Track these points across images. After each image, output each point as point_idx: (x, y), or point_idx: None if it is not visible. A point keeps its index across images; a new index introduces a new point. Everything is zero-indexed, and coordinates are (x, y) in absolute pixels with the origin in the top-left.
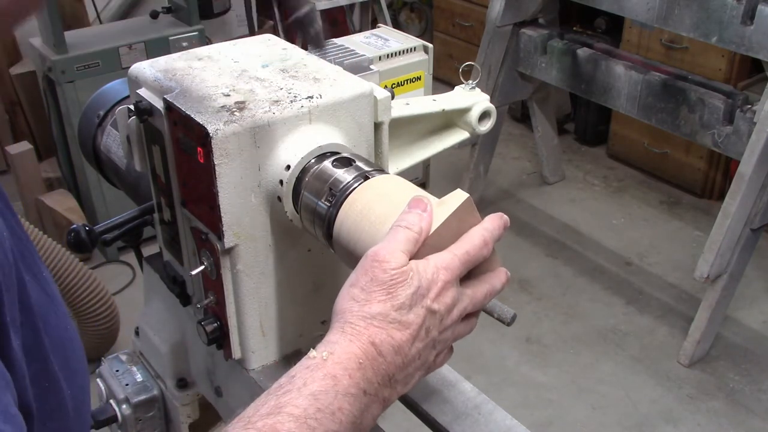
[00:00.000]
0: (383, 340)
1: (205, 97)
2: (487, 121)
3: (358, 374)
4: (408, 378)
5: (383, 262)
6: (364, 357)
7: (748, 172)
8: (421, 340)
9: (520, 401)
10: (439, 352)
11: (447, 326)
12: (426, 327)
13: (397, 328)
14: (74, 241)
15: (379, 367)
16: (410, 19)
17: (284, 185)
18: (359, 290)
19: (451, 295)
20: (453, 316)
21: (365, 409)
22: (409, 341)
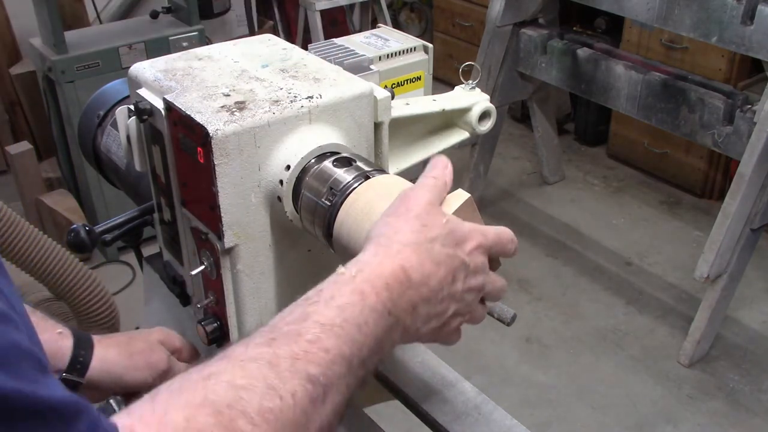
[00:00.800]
0: (413, 266)
1: (205, 97)
2: (487, 121)
3: (385, 294)
4: (427, 318)
5: (417, 197)
6: (393, 279)
7: (748, 172)
8: (448, 283)
9: (520, 401)
10: (456, 313)
11: (471, 287)
12: (454, 273)
13: (430, 259)
14: (74, 241)
15: (405, 292)
16: (410, 19)
17: (284, 185)
18: (395, 218)
19: (482, 259)
20: (478, 281)
21: (389, 329)
22: (435, 275)
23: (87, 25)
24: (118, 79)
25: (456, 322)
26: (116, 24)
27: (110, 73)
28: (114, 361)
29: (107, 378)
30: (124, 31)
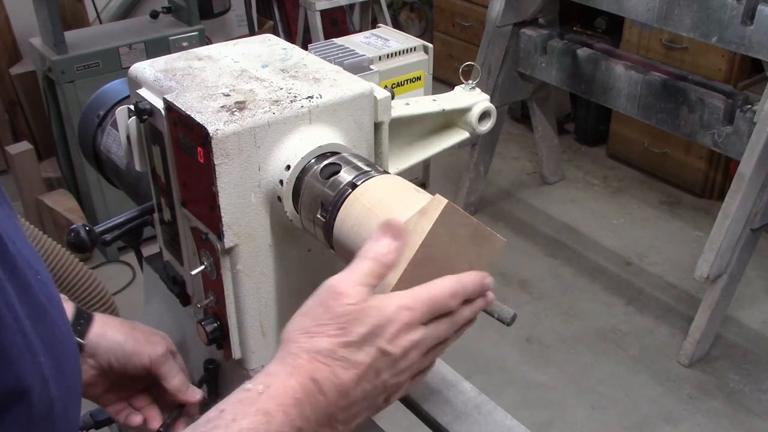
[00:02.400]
0: (326, 377)
1: (205, 97)
2: (487, 121)
3: (294, 411)
4: (351, 418)
5: (341, 295)
6: (303, 393)
7: (748, 172)
8: (369, 381)
9: (520, 401)
10: (391, 393)
11: (402, 369)
12: (376, 369)
13: (344, 366)
14: (74, 241)
15: (318, 405)
16: (410, 19)
17: (284, 185)
18: (310, 321)
19: (410, 338)
20: (411, 358)
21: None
22: (354, 381)
23: (87, 25)
24: (118, 79)
25: (393, 397)
26: (116, 24)
27: (110, 73)
28: (115, 327)
29: (105, 343)
30: (124, 31)
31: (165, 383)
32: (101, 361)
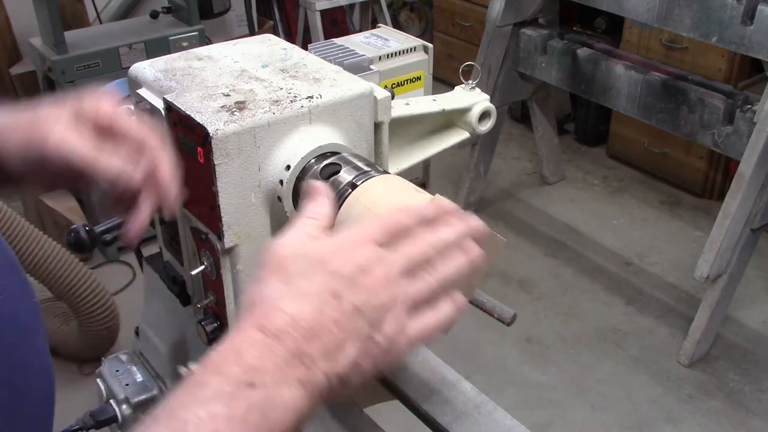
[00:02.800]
0: (271, 320)
1: (205, 97)
2: (487, 121)
3: (235, 368)
4: (332, 352)
5: (277, 247)
6: (247, 344)
7: (748, 172)
8: (330, 306)
9: (520, 401)
10: (378, 319)
11: (370, 288)
12: (332, 291)
13: (290, 299)
14: (74, 241)
15: (274, 350)
16: (410, 19)
17: (284, 185)
18: (254, 287)
19: (363, 253)
20: (377, 275)
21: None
22: (306, 311)
23: (87, 25)
24: (118, 79)
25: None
26: (116, 24)
27: (110, 73)
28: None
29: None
30: (124, 31)
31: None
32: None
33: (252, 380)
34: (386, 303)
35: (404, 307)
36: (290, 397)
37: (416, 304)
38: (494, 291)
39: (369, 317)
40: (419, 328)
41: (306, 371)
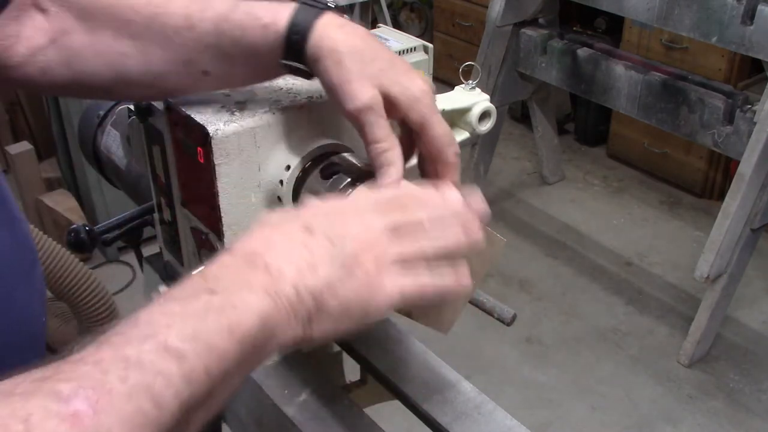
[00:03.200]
0: (240, 244)
1: (205, 97)
2: (487, 121)
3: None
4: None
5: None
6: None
7: (748, 172)
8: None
9: (520, 401)
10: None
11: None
12: (305, 226)
13: (261, 229)
14: (74, 241)
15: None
16: (410, 19)
17: (284, 185)
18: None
19: (344, 205)
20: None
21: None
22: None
23: None
24: None
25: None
26: None
27: None
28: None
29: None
30: None
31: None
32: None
33: (213, 287)
34: (363, 239)
35: (390, 256)
36: (254, 302)
37: (405, 258)
38: (494, 291)
39: (344, 247)
40: (409, 280)
41: (272, 280)
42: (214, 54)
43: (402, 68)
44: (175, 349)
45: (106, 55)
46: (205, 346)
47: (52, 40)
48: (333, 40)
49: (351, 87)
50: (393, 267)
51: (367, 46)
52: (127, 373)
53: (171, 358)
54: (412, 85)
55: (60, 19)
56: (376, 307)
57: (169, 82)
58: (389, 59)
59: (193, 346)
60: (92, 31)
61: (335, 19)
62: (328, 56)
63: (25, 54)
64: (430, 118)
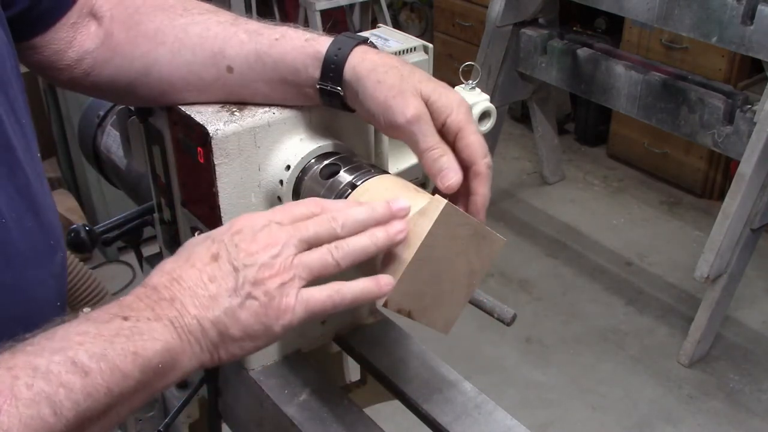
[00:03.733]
0: (152, 278)
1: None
2: (487, 121)
3: (114, 307)
4: (204, 301)
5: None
6: (130, 295)
7: (748, 172)
8: (207, 264)
9: (520, 401)
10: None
11: (249, 250)
12: (212, 254)
13: (172, 261)
14: (74, 241)
15: (150, 295)
16: (410, 19)
17: (284, 185)
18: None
19: (251, 223)
20: (258, 240)
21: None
22: (183, 267)
23: None
24: None
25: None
26: None
27: None
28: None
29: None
30: None
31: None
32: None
33: (126, 314)
34: (267, 263)
35: (297, 273)
36: (159, 330)
37: (313, 273)
38: (494, 291)
39: (247, 274)
40: (316, 293)
41: (177, 313)
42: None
43: (439, 82)
44: (81, 365)
45: (140, 58)
46: (110, 366)
47: (99, 43)
48: (371, 61)
49: (396, 101)
50: (299, 282)
51: (402, 64)
52: (34, 381)
53: (77, 372)
54: (450, 94)
55: (109, 24)
56: (282, 325)
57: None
58: (425, 74)
59: (99, 365)
60: (132, 32)
61: (371, 49)
62: (367, 76)
63: (74, 58)
64: (466, 126)
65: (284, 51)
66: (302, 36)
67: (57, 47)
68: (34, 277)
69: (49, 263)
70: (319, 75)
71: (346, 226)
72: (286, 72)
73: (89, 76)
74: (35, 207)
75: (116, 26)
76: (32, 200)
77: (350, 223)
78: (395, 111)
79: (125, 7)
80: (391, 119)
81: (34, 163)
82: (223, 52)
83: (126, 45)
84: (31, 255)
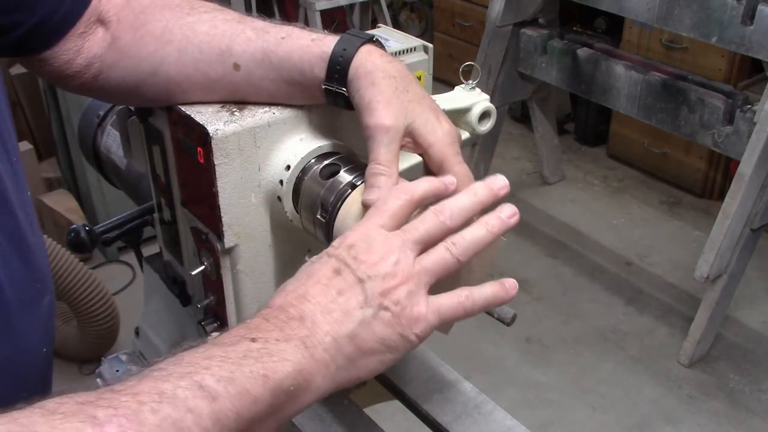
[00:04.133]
0: (276, 299)
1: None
2: (487, 121)
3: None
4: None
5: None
6: (255, 317)
7: (748, 172)
8: (331, 279)
9: (520, 401)
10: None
11: (370, 261)
12: (334, 269)
13: (294, 282)
14: (74, 241)
15: (278, 315)
16: (410, 19)
17: (284, 185)
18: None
19: (364, 233)
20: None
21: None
22: (307, 285)
23: None
24: None
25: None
26: None
27: None
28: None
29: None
30: None
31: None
32: None
33: (254, 336)
34: (390, 272)
35: (421, 278)
36: (290, 350)
37: (434, 271)
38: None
39: (374, 286)
40: (446, 299)
41: (308, 332)
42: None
43: (430, 106)
44: (209, 389)
45: (147, 58)
46: (239, 389)
47: (107, 47)
48: (372, 63)
49: (378, 106)
50: (425, 288)
51: (401, 77)
52: (161, 406)
53: (204, 396)
54: (437, 124)
55: (116, 27)
56: (416, 334)
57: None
58: (420, 95)
59: (227, 389)
60: (137, 33)
61: (376, 49)
62: (364, 77)
63: (82, 65)
64: (450, 159)
65: (290, 50)
66: (308, 35)
67: (66, 57)
68: (19, 323)
69: (36, 308)
70: (325, 76)
71: (454, 216)
72: (292, 71)
73: (98, 80)
74: (23, 250)
75: (123, 28)
76: (20, 243)
77: (457, 213)
78: (371, 113)
79: (132, 9)
80: (365, 118)
81: (24, 203)
82: (230, 50)
83: (133, 45)
84: (16, 300)
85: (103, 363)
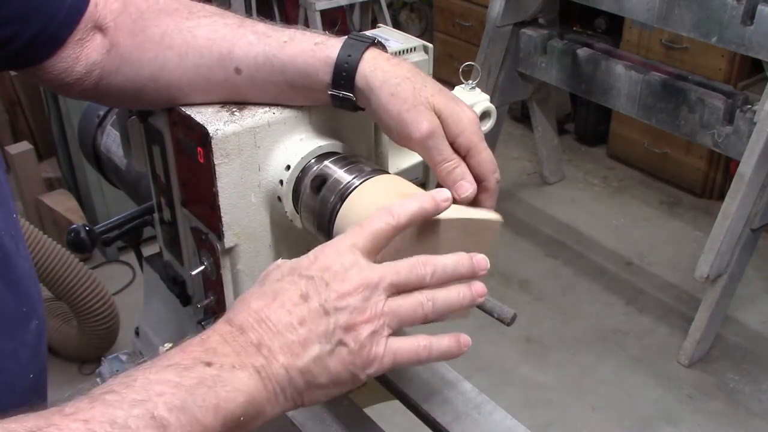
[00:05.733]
0: (238, 315)
1: None
2: (487, 121)
3: (198, 349)
4: (293, 347)
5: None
6: (214, 333)
7: (748, 172)
8: (296, 305)
9: (520, 401)
10: (352, 322)
11: (341, 291)
12: (301, 292)
13: (259, 298)
14: (74, 241)
15: (236, 338)
16: (410, 19)
17: (284, 185)
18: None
19: (341, 259)
20: (351, 280)
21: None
22: (271, 308)
23: None
24: None
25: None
26: None
27: None
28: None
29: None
30: None
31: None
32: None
33: (210, 360)
34: (359, 307)
35: (387, 322)
36: (244, 380)
37: (402, 319)
38: (494, 291)
39: (338, 319)
40: (404, 344)
41: (264, 361)
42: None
43: (449, 95)
44: (160, 419)
45: (148, 64)
46: (190, 419)
47: (106, 54)
48: (383, 71)
49: (410, 115)
50: (387, 331)
51: (413, 75)
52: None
53: (155, 426)
54: (461, 111)
55: (114, 33)
56: (368, 374)
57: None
58: (437, 86)
59: (179, 418)
60: (137, 38)
61: (381, 53)
62: (380, 88)
63: (82, 72)
64: (477, 144)
65: (293, 54)
66: (311, 39)
67: (65, 65)
68: (3, 347)
69: (22, 332)
70: (331, 81)
71: (436, 275)
72: (296, 75)
73: (99, 87)
74: (7, 272)
75: (121, 34)
76: (4, 265)
77: (439, 273)
78: (409, 126)
79: (129, 14)
80: (406, 133)
81: (8, 224)
82: (231, 54)
83: (133, 52)
84: (2, 325)
85: (103, 363)
